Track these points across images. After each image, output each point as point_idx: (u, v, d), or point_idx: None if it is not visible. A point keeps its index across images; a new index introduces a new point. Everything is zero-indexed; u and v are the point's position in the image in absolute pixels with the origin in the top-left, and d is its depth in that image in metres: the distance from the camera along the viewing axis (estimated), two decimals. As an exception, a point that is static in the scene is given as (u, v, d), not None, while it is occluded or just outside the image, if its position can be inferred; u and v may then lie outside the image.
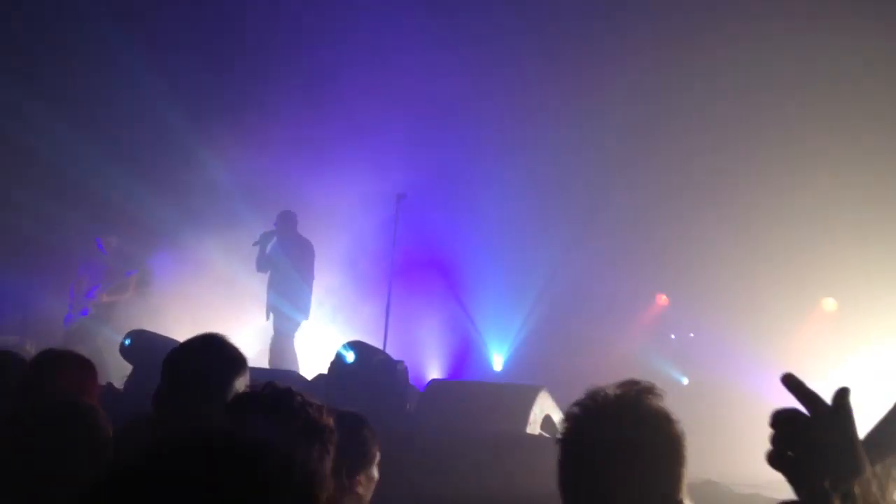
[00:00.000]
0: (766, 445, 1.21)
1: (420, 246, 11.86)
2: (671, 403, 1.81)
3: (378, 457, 2.86)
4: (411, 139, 11.49)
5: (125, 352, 7.60)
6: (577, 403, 1.75)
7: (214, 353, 2.67)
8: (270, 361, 9.57)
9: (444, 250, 12.43)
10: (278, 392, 2.00)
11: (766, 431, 1.21)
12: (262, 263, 10.07)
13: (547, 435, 5.91)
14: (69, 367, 3.25)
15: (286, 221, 10.16)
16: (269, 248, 10.09)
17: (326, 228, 11.29)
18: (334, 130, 11.69)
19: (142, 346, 7.45)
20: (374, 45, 11.70)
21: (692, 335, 12.37)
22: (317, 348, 10.05)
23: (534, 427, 6.02)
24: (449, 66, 11.44)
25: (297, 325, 9.97)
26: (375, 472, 2.84)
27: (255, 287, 10.35)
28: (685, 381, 10.61)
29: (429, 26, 11.28)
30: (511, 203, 13.20)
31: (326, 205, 11.57)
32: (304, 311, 10.00)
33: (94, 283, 10.23)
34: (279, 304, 9.91)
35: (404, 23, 11.39)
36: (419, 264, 11.94)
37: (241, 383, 2.65)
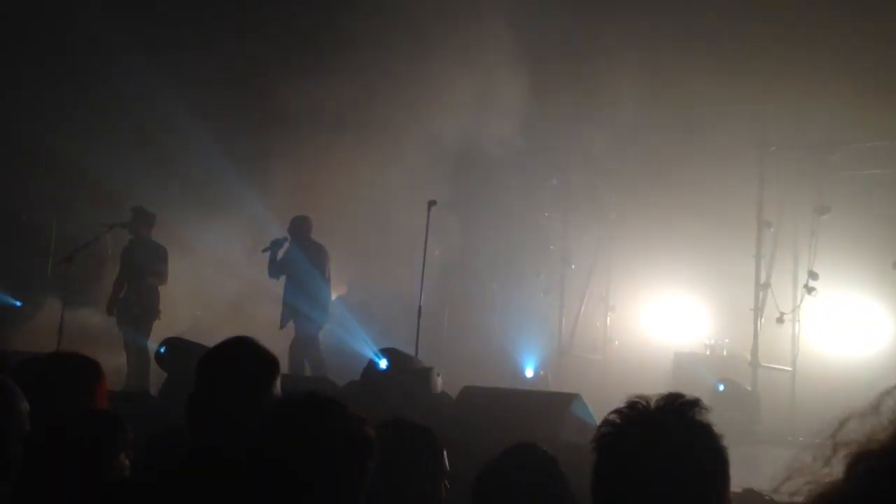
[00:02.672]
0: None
1: (451, 250, 11.87)
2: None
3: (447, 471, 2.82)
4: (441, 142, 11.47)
5: (160, 360, 7.67)
6: (617, 411, 1.70)
7: (249, 356, 2.60)
8: (291, 367, 9.54)
9: (474, 254, 12.40)
10: (321, 402, 1.96)
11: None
12: (275, 270, 10.07)
13: (581, 442, 5.86)
14: (76, 369, 3.24)
15: (299, 226, 10.15)
16: (282, 254, 10.10)
17: (363, 233, 11.36)
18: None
19: (177, 354, 7.51)
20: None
21: (727, 340, 12.24)
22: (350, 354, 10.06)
23: (568, 434, 5.97)
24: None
25: (319, 328, 9.95)
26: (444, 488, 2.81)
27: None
28: (721, 387, 10.47)
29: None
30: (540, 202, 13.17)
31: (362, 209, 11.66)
32: (324, 313, 9.99)
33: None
34: (299, 308, 9.90)
35: None
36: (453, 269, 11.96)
37: (277, 386, 2.60)
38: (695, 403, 1.68)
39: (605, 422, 1.70)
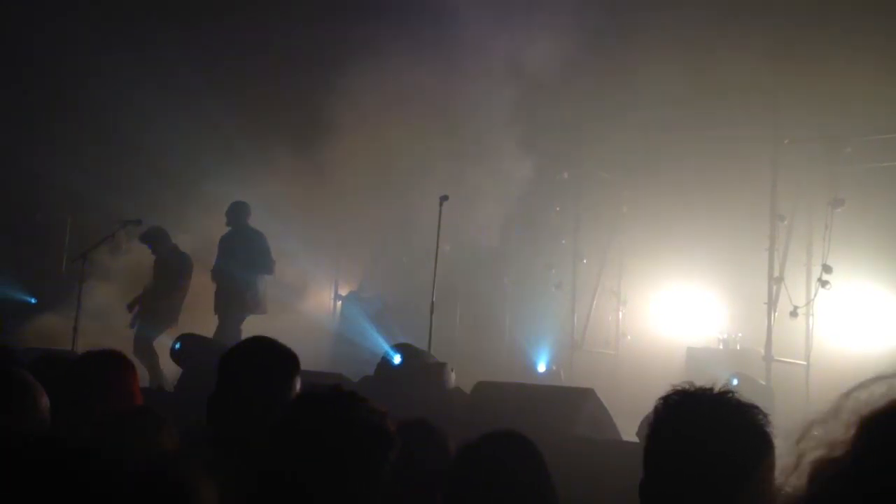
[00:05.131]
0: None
1: (462, 246, 11.87)
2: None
3: None
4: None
5: (175, 355, 7.71)
6: (672, 397, 1.73)
7: (269, 354, 2.68)
8: None
9: (486, 249, 12.39)
10: (343, 396, 2.00)
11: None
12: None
13: (596, 437, 5.86)
14: (112, 367, 3.29)
15: (236, 213, 9.91)
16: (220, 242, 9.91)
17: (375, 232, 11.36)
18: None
19: (191, 349, 7.55)
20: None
21: (740, 334, 12.19)
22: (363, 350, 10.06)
23: (583, 429, 5.97)
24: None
25: (242, 320, 9.73)
26: None
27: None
28: (735, 381, 10.43)
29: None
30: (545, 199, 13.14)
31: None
32: (252, 305, 9.76)
33: None
34: (225, 300, 9.71)
35: None
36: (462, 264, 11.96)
37: (297, 383, 2.67)
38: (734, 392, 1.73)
39: (664, 407, 1.73)
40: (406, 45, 11.08)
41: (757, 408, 1.71)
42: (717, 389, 1.73)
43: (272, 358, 2.66)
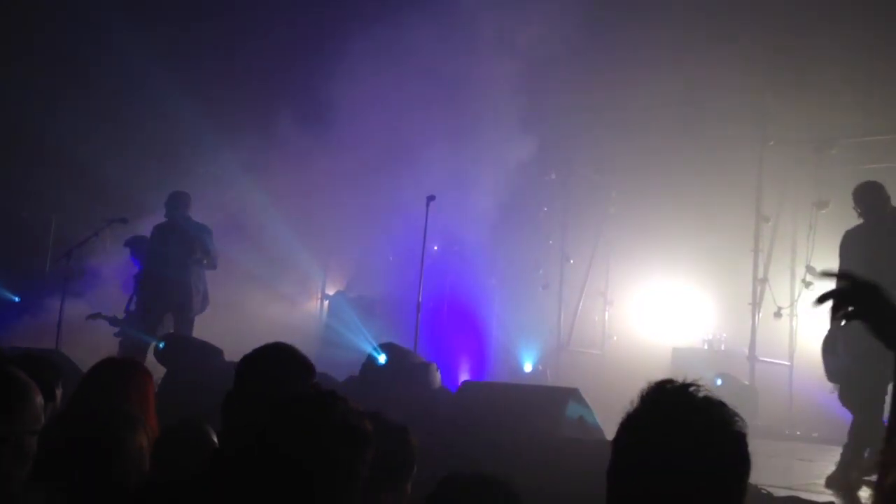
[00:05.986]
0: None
1: (449, 246, 11.88)
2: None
3: (414, 471, 2.90)
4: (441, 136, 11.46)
5: (159, 355, 7.68)
6: (646, 397, 1.70)
7: (289, 360, 2.75)
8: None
9: (473, 248, 12.40)
10: (322, 395, 2.02)
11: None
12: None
13: (581, 437, 5.88)
14: (128, 375, 3.32)
15: (177, 203, 9.38)
16: (156, 239, 9.40)
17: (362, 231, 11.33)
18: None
19: (175, 349, 7.54)
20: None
21: (725, 335, 12.26)
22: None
23: (567, 429, 5.99)
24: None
25: (194, 318, 9.34)
26: (409, 487, 2.89)
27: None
28: (719, 381, 10.50)
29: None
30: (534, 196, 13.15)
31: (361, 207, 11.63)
32: (200, 303, 9.38)
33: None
34: (180, 298, 9.30)
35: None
36: (449, 264, 11.97)
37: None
38: (702, 388, 1.70)
39: (637, 409, 1.69)
40: (395, 41, 11.10)
41: (724, 405, 1.68)
42: (684, 381, 1.69)
43: (288, 364, 2.72)
